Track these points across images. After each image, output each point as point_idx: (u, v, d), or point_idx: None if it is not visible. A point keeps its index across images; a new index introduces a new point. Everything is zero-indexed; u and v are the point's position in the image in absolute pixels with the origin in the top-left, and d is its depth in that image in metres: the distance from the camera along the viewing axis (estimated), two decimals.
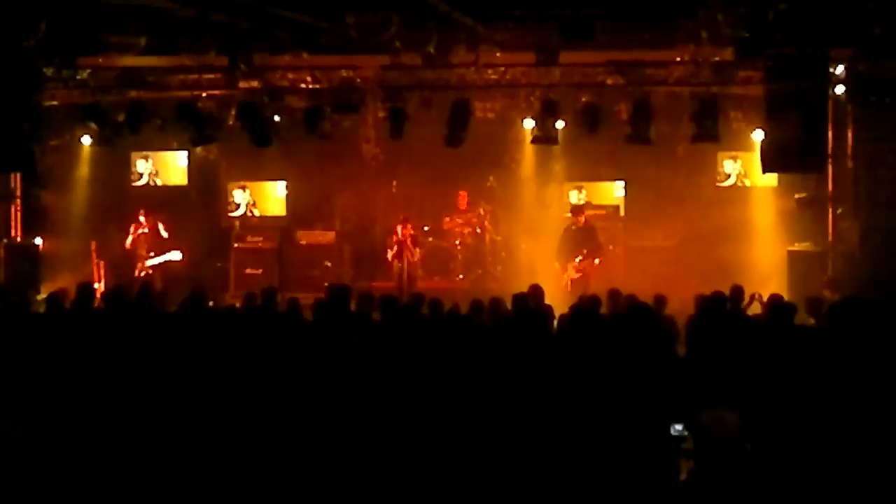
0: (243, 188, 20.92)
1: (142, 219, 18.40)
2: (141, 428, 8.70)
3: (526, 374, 9.07)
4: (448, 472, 7.85)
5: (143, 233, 18.32)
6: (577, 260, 17.68)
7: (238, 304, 13.53)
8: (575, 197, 20.53)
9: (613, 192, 20.72)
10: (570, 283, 17.61)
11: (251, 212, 20.99)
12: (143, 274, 18.06)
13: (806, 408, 8.45)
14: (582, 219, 18.28)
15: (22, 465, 8.09)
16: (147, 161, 20.90)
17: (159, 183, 21.01)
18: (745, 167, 19.55)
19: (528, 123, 18.27)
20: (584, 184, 20.65)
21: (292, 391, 9.16)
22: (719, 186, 20.12)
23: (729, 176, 19.91)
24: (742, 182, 19.78)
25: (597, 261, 17.81)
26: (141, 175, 20.93)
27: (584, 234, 18.04)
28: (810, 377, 9.11)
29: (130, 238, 18.32)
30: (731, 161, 19.70)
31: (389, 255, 18.88)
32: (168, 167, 20.99)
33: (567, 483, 7.78)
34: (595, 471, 7.88)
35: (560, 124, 17.62)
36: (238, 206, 20.92)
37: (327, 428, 8.51)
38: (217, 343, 10.73)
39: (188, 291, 12.78)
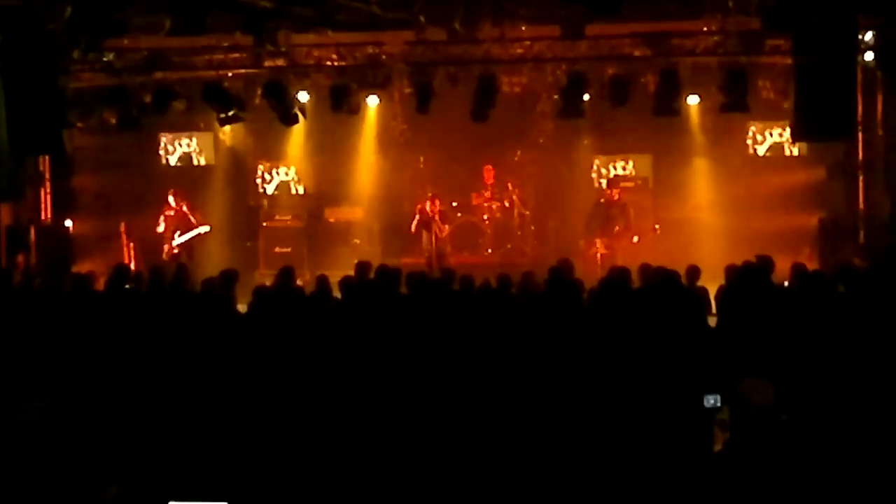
0: (288, 165, 21.02)
1: (171, 200, 18.38)
2: (169, 403, 8.75)
3: (559, 347, 9.07)
4: (484, 444, 7.86)
5: (171, 215, 18.30)
6: (608, 236, 17.61)
7: (268, 283, 13.56)
8: (621, 169, 20.52)
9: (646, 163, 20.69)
10: (599, 257, 17.56)
11: (296, 189, 21.08)
12: (170, 254, 18.07)
13: (840, 376, 8.42)
14: (616, 192, 18.17)
15: (51, 443, 8.14)
16: (191, 140, 20.98)
17: (203, 162, 21.09)
18: None
19: (555, 97, 18.20)
20: (630, 156, 20.62)
21: (329, 368, 9.19)
22: (748, 155, 20.02)
23: (778, 145, 19.79)
24: (791, 151, 19.60)
25: (635, 238, 17.70)
26: (187, 155, 21.04)
27: (617, 208, 17.93)
28: (843, 345, 9.08)
29: (162, 221, 18.30)
30: (779, 129, 19.51)
31: (413, 225, 18.85)
32: (211, 145, 21.09)
33: (600, 453, 7.78)
34: (628, 441, 7.88)
35: (587, 97, 17.52)
36: (277, 182, 21.05)
37: (363, 403, 8.52)
38: (246, 322, 10.79)
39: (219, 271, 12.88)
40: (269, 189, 21.07)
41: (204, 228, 18.35)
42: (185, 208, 18.32)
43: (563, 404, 8.33)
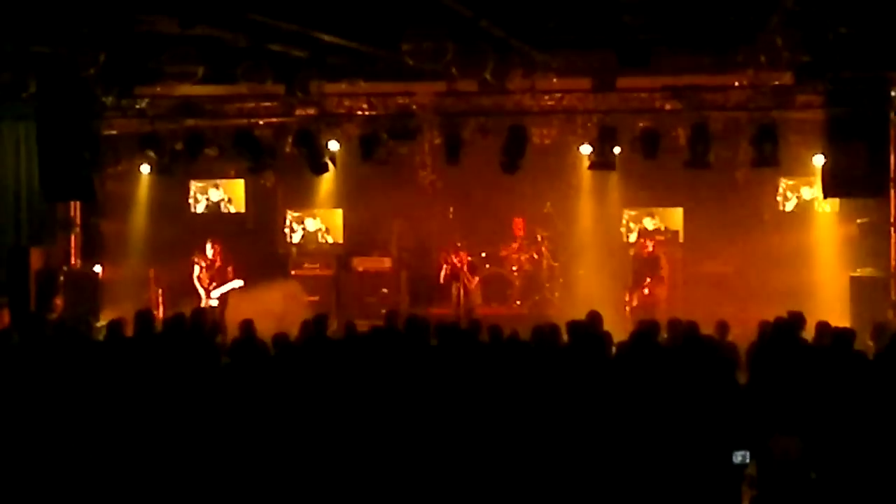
0: (314, 216, 21.04)
1: (208, 249, 18.32)
2: (198, 451, 8.72)
3: (585, 400, 9.00)
4: (511, 496, 7.80)
5: (206, 265, 18.24)
6: (644, 290, 17.61)
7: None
8: (650, 224, 20.44)
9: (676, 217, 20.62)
10: (629, 310, 17.49)
11: (325, 238, 21.08)
12: (208, 305, 18.05)
13: (870, 435, 8.31)
14: (650, 245, 18.17)
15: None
16: (218, 189, 21.03)
17: (232, 210, 21.12)
18: None
19: (585, 149, 18.20)
20: (655, 209, 20.56)
21: (356, 417, 9.15)
22: (779, 211, 19.95)
23: (808, 201, 19.72)
24: (822, 207, 19.54)
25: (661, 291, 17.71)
26: (216, 202, 21.09)
27: (651, 262, 17.93)
28: (874, 404, 8.97)
29: (197, 269, 18.22)
30: (807, 187, 19.46)
31: (441, 276, 18.92)
32: (241, 193, 21.14)
33: None
34: (656, 497, 7.79)
35: (617, 150, 17.49)
36: (305, 231, 21.06)
37: (391, 452, 8.48)
38: (274, 371, 10.76)
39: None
40: (297, 237, 21.09)
41: (237, 283, 18.28)
42: (221, 260, 18.28)
43: (590, 457, 8.26)
